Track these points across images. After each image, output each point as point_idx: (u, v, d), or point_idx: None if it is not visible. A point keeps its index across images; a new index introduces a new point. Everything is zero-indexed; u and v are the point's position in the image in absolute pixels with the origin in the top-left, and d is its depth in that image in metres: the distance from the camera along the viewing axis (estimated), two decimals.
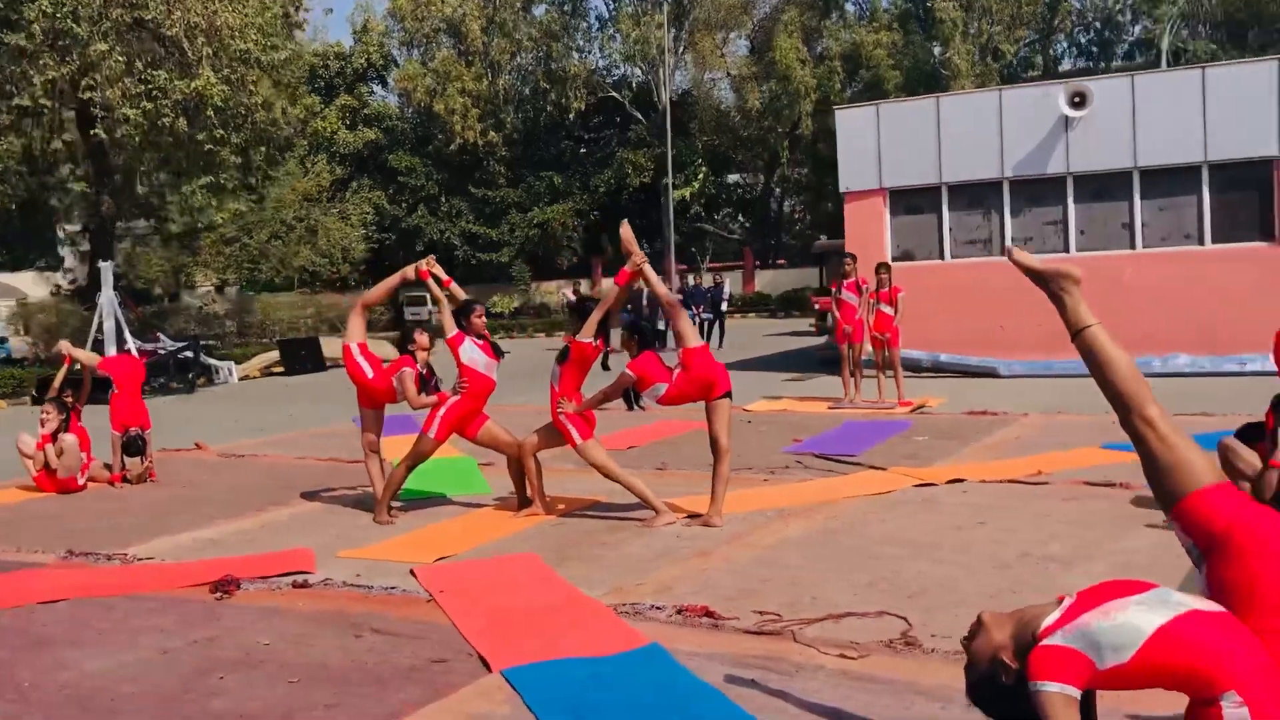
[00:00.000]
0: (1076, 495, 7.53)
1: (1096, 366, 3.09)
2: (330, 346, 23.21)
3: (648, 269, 7.28)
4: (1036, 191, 15.63)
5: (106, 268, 18.33)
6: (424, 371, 8.14)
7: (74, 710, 4.43)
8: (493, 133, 50.14)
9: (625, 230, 7.55)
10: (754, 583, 5.76)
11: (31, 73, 16.07)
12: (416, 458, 7.81)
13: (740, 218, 56.58)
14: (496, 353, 7.90)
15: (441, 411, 7.73)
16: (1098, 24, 45.46)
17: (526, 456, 7.61)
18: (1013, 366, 15.20)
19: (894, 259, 16.47)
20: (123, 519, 8.33)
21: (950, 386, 14.43)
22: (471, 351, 7.73)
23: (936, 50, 44.11)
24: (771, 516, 7.32)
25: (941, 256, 16.18)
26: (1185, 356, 14.51)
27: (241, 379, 20.71)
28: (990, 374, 15.24)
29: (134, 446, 9.75)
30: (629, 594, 5.66)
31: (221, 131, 17.68)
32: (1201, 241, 14.81)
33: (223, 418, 15.19)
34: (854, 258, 13.43)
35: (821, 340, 25.19)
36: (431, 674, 4.66)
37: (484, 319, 7.95)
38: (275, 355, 22.00)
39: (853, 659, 4.56)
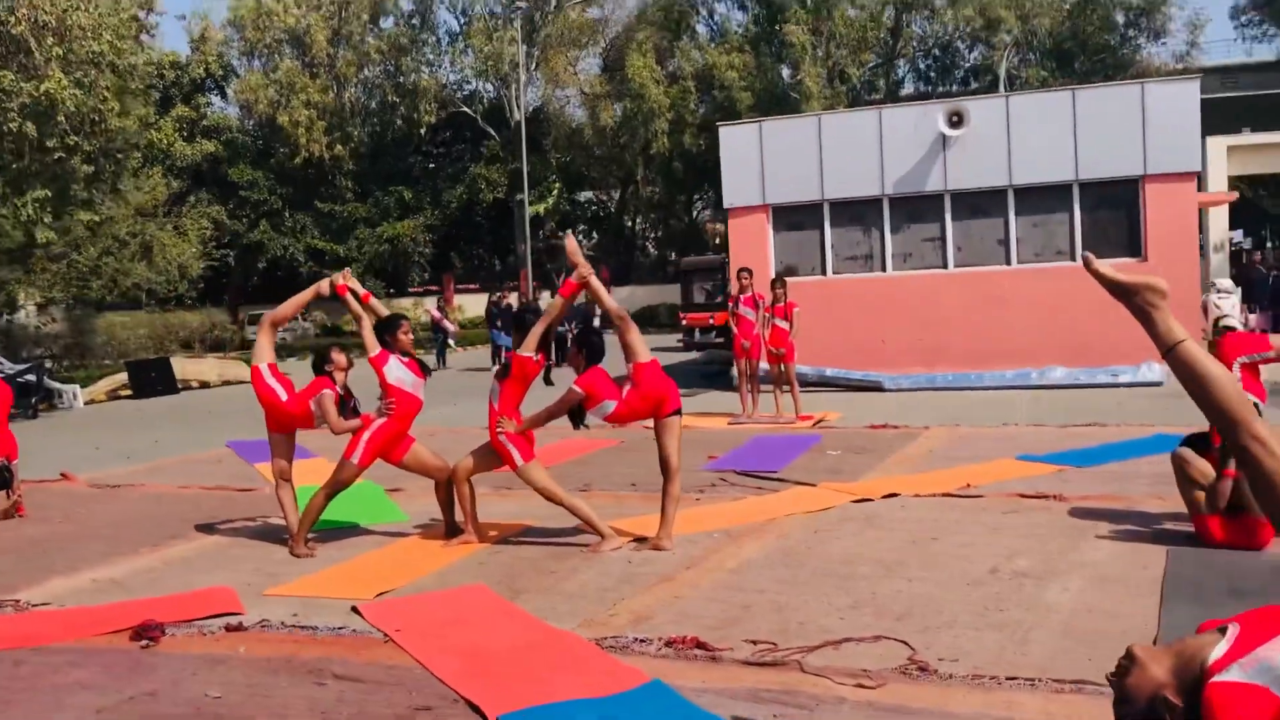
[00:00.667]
0: (1016, 508, 7.53)
1: (1195, 382, 2.90)
2: (182, 368, 22.06)
3: (594, 281, 6.97)
4: (915, 208, 15.90)
5: None
6: (342, 393, 7.61)
7: None
8: (339, 146, 48.84)
9: (570, 242, 7.26)
10: (734, 609, 5.50)
11: None
12: (336, 485, 7.30)
13: (594, 235, 56.54)
14: (424, 371, 7.44)
15: (366, 436, 7.24)
16: (937, 50, 47.09)
17: (460, 481, 7.18)
18: (898, 380, 15.39)
19: (777, 274, 16.52)
20: (7, 559, 7.53)
21: (841, 401, 14.49)
22: (398, 370, 7.27)
23: (786, 72, 45.01)
24: (719, 538, 7.08)
25: (824, 272, 16.29)
26: (1061, 369, 14.94)
27: (87, 403, 19.40)
28: (875, 387, 15.39)
29: (1, 478, 8.89)
30: (604, 626, 5.33)
31: (74, 138, 16.43)
32: (1073, 257, 15.29)
33: (79, 445, 14.11)
34: (750, 272, 13.36)
35: (695, 355, 25.28)
36: None
37: (410, 335, 7.48)
38: (123, 378, 20.69)
39: (870, 688, 4.35)
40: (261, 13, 48.51)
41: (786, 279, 13.78)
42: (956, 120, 15.29)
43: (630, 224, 56.59)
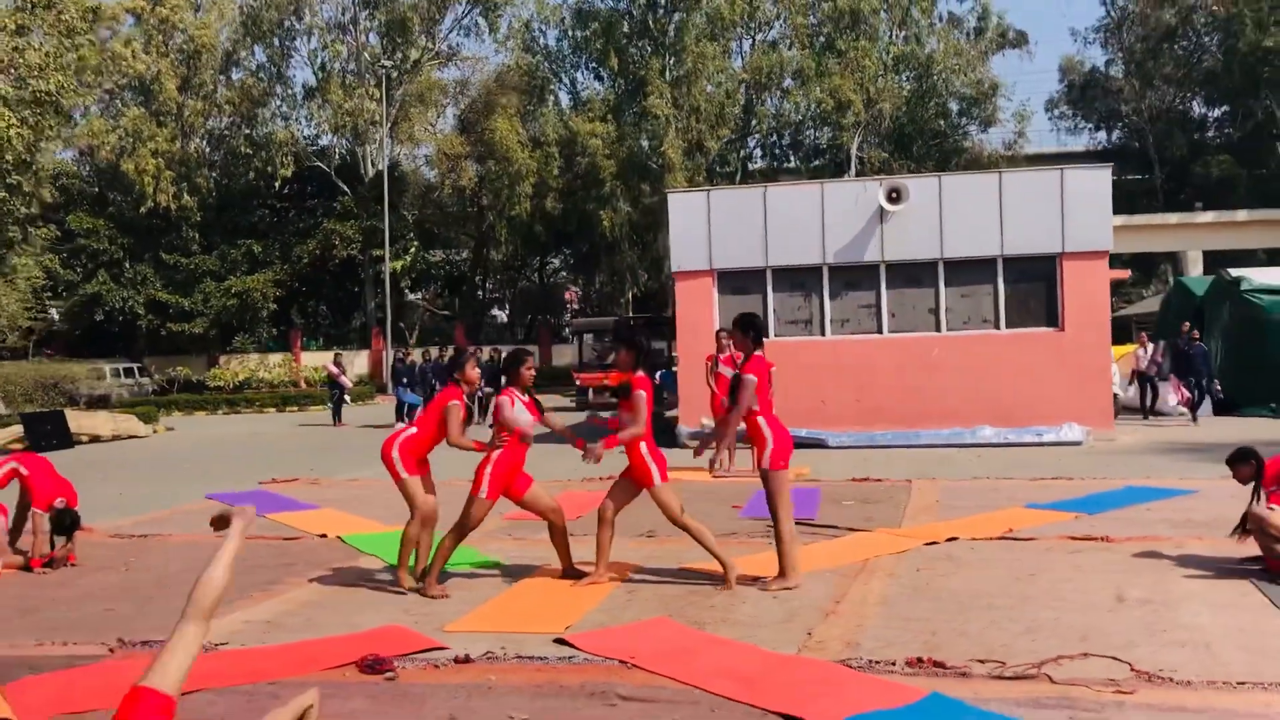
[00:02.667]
0: (1078, 549, 8.29)
1: None
2: (76, 421, 21.12)
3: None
4: (853, 277, 16.92)
5: None
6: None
7: None
8: (187, 196, 47.43)
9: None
10: (923, 635, 6.01)
11: None
12: (471, 522, 7.44)
13: (448, 294, 56.35)
14: (539, 410, 7.66)
15: (489, 470, 7.40)
16: (787, 131, 49.34)
17: (606, 524, 7.45)
18: (840, 438, 16.24)
19: (716, 337, 17.22)
20: (109, 605, 7.34)
21: (797, 457, 15.17)
22: (518, 408, 7.49)
23: (645, 143, 46.37)
24: (831, 576, 7.58)
25: (766, 335, 17.02)
26: (989, 429, 16.09)
27: None
28: (820, 444, 16.18)
29: (65, 523, 8.61)
30: (823, 651, 5.76)
31: (17, 178, 15.69)
32: (998, 326, 16.57)
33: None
34: (728, 332, 13.94)
35: (608, 415, 25.60)
36: None
37: (533, 371, 7.72)
38: (18, 430, 19.64)
39: (1128, 693, 4.93)
40: (106, 58, 46.78)
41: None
42: (895, 196, 16.42)
43: (481, 284, 56.67)
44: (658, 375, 27.76)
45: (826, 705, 4.83)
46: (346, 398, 25.74)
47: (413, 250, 49.33)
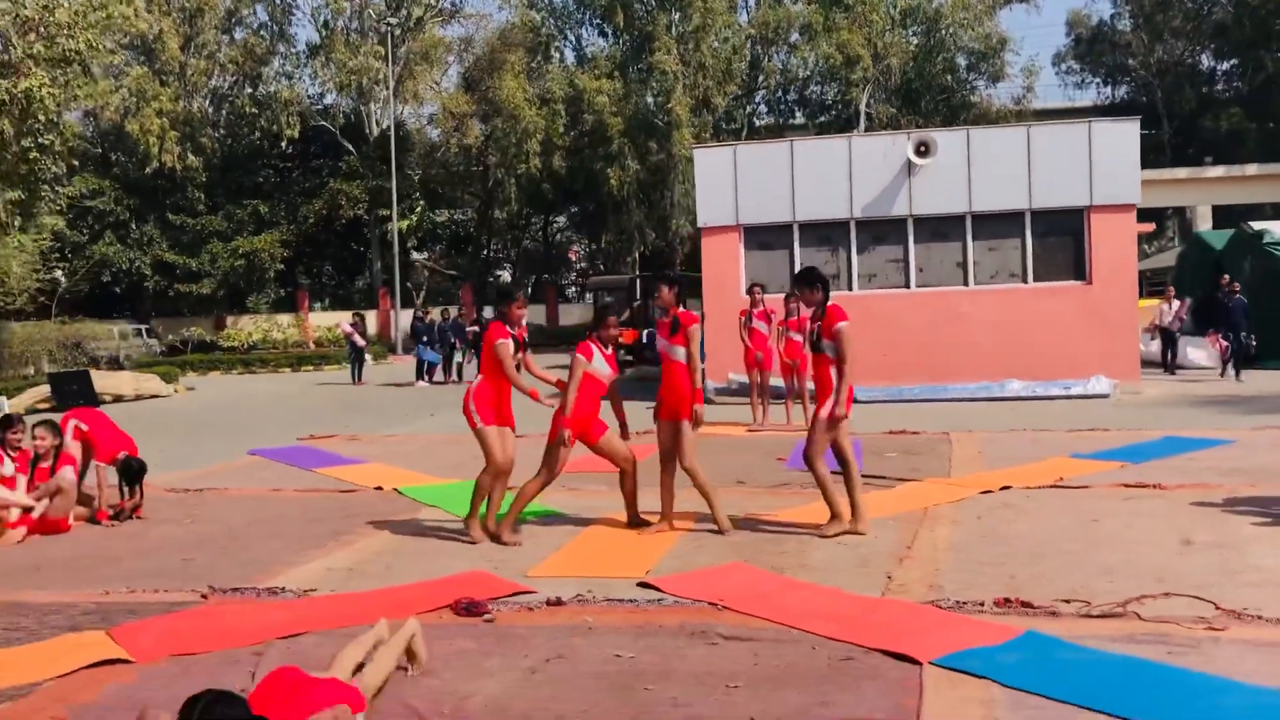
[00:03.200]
0: (1133, 495, 8.41)
1: None
2: (99, 381, 21.21)
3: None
4: (881, 231, 16.96)
5: None
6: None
7: None
8: (192, 156, 47.18)
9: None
10: (1002, 577, 6.13)
11: None
12: (553, 469, 7.56)
13: (453, 254, 56.22)
14: (619, 366, 7.75)
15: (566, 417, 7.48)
16: (794, 87, 49.08)
17: (697, 476, 7.45)
18: (869, 392, 16.32)
19: (747, 292, 17.28)
20: (186, 555, 7.44)
21: None
22: (599, 361, 7.58)
23: (652, 100, 46.13)
24: (895, 523, 7.69)
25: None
26: (1017, 382, 16.19)
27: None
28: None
29: (133, 470, 8.73)
30: (907, 593, 5.88)
31: (49, 137, 15.67)
32: (1025, 279, 16.64)
33: None
34: (763, 287, 14.06)
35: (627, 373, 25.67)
36: (860, 671, 4.70)
37: (618, 330, 7.81)
38: (45, 390, 19.72)
39: (1220, 630, 5.05)
40: (110, 17, 46.25)
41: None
42: (924, 150, 16.42)
43: (486, 244, 56.52)
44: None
45: (927, 642, 4.95)
46: (367, 357, 25.82)
47: (419, 210, 49.17)
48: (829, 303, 7.48)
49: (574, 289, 57.87)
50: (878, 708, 4.29)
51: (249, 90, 50.19)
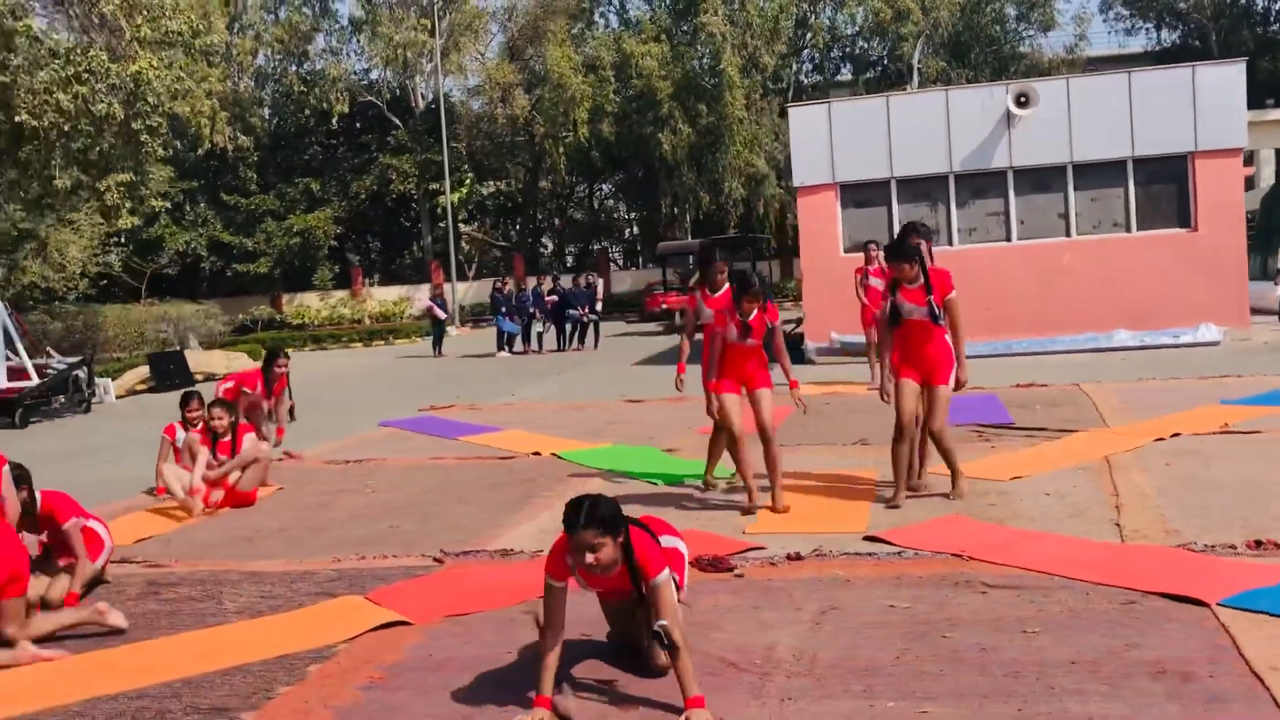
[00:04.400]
0: None
1: None
2: (193, 360, 21.47)
3: None
4: (980, 184, 16.85)
5: None
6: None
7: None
8: (242, 136, 47.36)
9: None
10: (1233, 520, 6.14)
11: None
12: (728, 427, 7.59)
13: (504, 224, 56.29)
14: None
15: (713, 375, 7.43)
16: (841, 44, 48.67)
17: (944, 439, 7.20)
18: (975, 347, 16.22)
19: (845, 250, 17.26)
20: (390, 523, 7.56)
21: None
22: (700, 307, 7.68)
23: (698, 63, 45.90)
24: (1078, 475, 7.68)
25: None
26: (1125, 332, 16.09)
27: (117, 396, 18.73)
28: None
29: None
30: (1143, 539, 5.91)
31: (158, 119, 15.84)
32: (1129, 228, 16.50)
33: None
34: (878, 244, 13.98)
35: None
36: (1150, 614, 4.73)
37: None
38: (145, 371, 19.99)
39: None
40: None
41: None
42: (1024, 100, 16.28)
43: (533, 214, 56.51)
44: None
45: (1203, 584, 4.97)
46: (450, 329, 25.97)
47: (468, 182, 49.20)
48: (933, 268, 7.22)
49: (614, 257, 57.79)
50: (1191, 648, 4.32)
51: (293, 68, 50.27)
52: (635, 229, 56.86)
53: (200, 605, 5.85)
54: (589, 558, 3.99)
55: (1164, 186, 16.41)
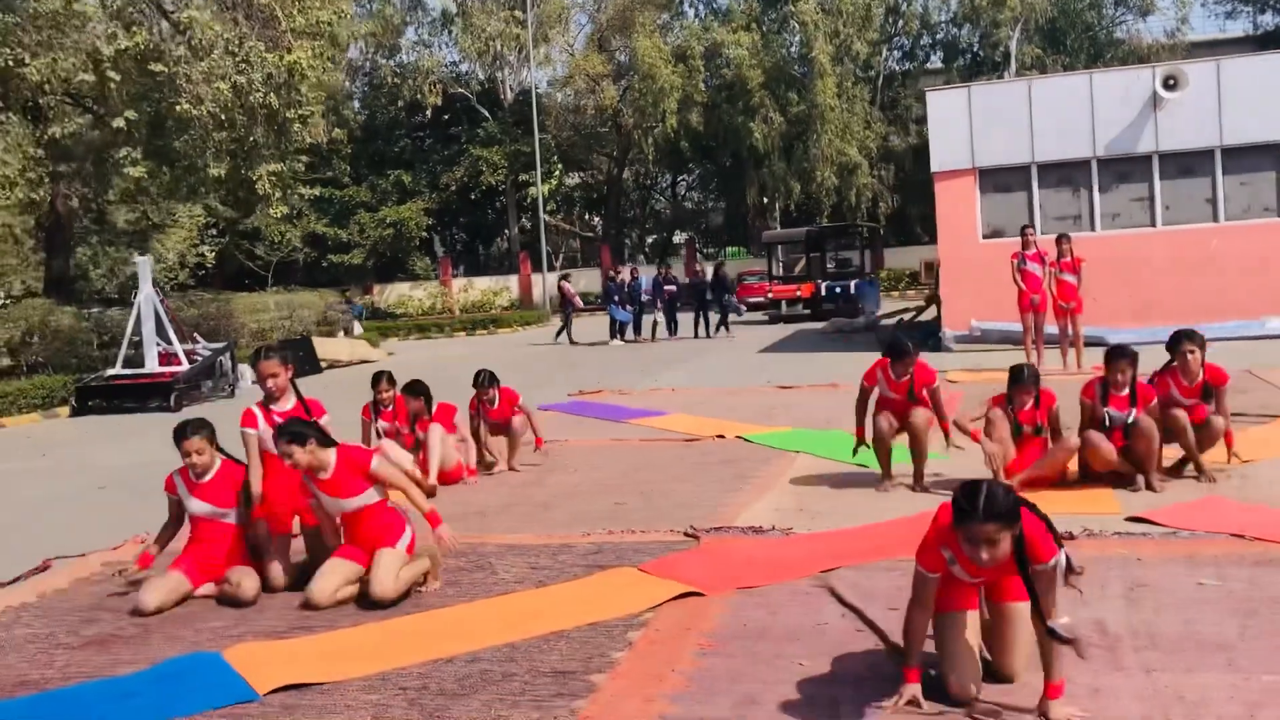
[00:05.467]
0: None
1: None
2: (320, 347, 21.82)
3: None
4: (1124, 169, 16.58)
5: (144, 262, 16.51)
6: None
7: None
8: (337, 129, 47.95)
9: None
10: None
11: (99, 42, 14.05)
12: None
13: (589, 215, 56.51)
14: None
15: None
16: (935, 30, 48.16)
17: None
18: (1120, 334, 16.00)
19: (984, 236, 17.09)
20: (615, 499, 7.64)
21: (1088, 355, 15.08)
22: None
23: (788, 51, 45.73)
24: None
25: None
26: (1276, 319, 15.73)
27: (252, 382, 19.11)
28: (1099, 341, 15.97)
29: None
30: None
31: (310, 109, 16.23)
32: (1279, 214, 16.14)
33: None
34: (1033, 228, 13.87)
35: (821, 326, 25.57)
36: None
37: None
38: None
39: None
40: None
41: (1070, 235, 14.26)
42: (1172, 83, 15.98)
43: (618, 205, 56.67)
44: (852, 285, 27.69)
45: None
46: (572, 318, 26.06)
47: (556, 173, 49.45)
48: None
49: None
50: None
51: (385, 60, 50.81)
52: (718, 219, 56.66)
53: (476, 575, 5.95)
54: (984, 554, 3.67)
55: None
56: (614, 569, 5.86)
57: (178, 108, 14.95)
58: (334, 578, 5.57)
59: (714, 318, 24.55)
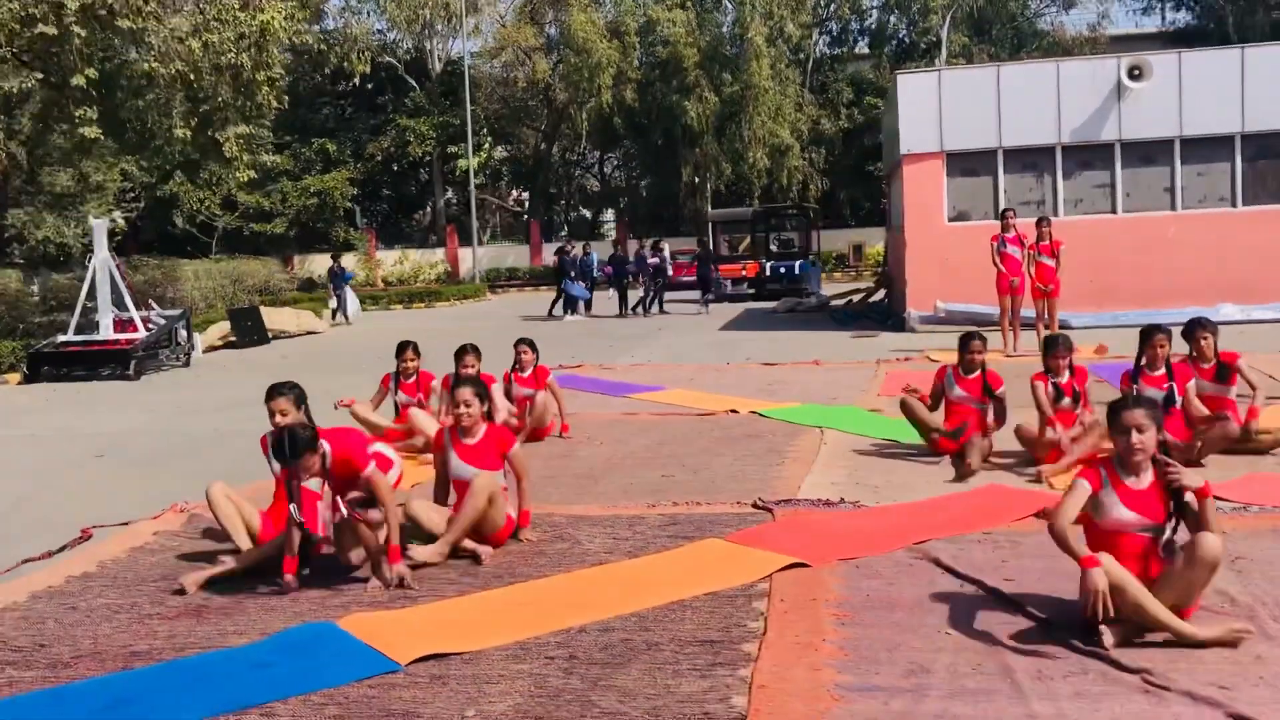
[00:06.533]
0: None
1: None
2: (267, 318, 21.31)
3: None
4: (1088, 156, 16.95)
5: (100, 225, 15.85)
6: None
7: None
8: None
9: None
10: None
11: None
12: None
13: (517, 190, 55.94)
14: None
15: None
16: (866, 14, 48.63)
17: None
18: (1082, 318, 16.42)
19: (950, 219, 17.35)
20: (662, 472, 7.58)
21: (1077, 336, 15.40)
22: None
23: (725, 30, 45.79)
24: None
25: (996, 217, 17.10)
26: (1230, 306, 16.25)
27: (203, 351, 18.56)
28: (1063, 325, 16.34)
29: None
30: None
31: (280, 72, 15.69)
32: (1235, 203, 16.66)
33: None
34: (1014, 212, 14.11)
35: (773, 305, 25.60)
36: None
37: None
38: (226, 326, 19.82)
39: None
40: None
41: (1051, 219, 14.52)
42: (1137, 73, 16.36)
43: (549, 180, 56.21)
44: (796, 265, 27.88)
45: None
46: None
47: (486, 146, 48.87)
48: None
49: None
50: None
51: (311, 26, 49.51)
52: (648, 198, 56.52)
53: (559, 546, 5.86)
54: (1136, 440, 4.28)
55: (1271, 162, 16.57)
56: (701, 540, 5.82)
57: (144, 66, 14.37)
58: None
59: (632, 296, 24.79)
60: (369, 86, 51.74)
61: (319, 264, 46.91)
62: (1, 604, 5.19)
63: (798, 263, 27.96)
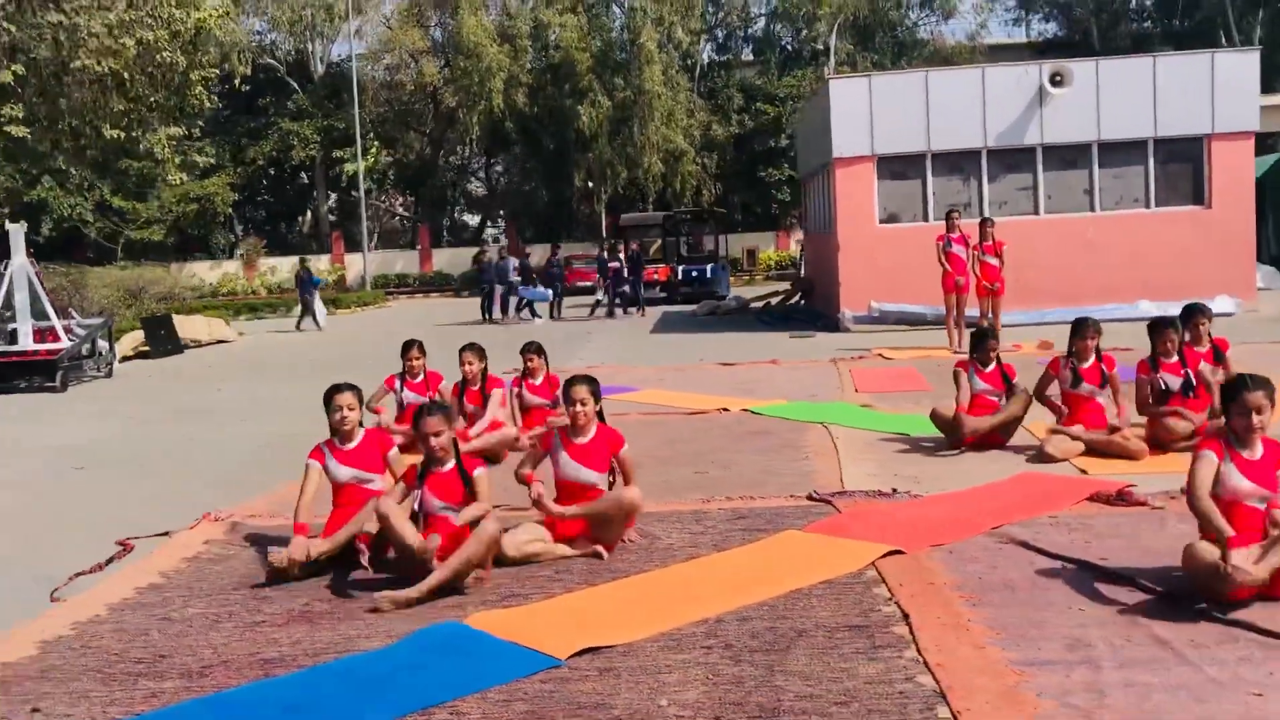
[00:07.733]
0: None
1: None
2: (185, 327, 20.60)
3: None
4: (1012, 160, 17.55)
5: (17, 229, 15.02)
6: None
7: None
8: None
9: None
10: None
11: None
12: None
13: (405, 195, 55.07)
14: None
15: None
16: (753, 24, 49.43)
17: None
18: (1011, 315, 16.94)
19: (881, 221, 17.77)
20: (700, 468, 7.59)
21: (1019, 333, 15.87)
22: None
23: (616, 34, 46.01)
24: None
25: (925, 219, 17.62)
26: (1148, 302, 17.00)
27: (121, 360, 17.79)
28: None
29: None
30: None
31: (214, 71, 15.04)
32: (1148, 205, 17.46)
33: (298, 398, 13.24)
34: (960, 212, 14.52)
35: (692, 309, 25.69)
36: None
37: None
38: (140, 335, 19.02)
39: None
40: None
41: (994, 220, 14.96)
42: (1059, 80, 17.01)
43: (439, 185, 55.50)
44: (708, 269, 28.16)
45: None
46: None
47: (374, 150, 48.01)
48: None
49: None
50: None
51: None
52: (539, 203, 56.31)
53: (640, 541, 5.82)
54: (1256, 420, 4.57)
55: (1181, 165, 17.42)
56: (779, 533, 5.85)
57: (74, 64, 13.71)
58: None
59: (513, 302, 24.86)
60: (245, 89, 50.36)
61: (200, 271, 45.46)
62: (84, 617, 4.92)
63: (709, 266, 28.24)
